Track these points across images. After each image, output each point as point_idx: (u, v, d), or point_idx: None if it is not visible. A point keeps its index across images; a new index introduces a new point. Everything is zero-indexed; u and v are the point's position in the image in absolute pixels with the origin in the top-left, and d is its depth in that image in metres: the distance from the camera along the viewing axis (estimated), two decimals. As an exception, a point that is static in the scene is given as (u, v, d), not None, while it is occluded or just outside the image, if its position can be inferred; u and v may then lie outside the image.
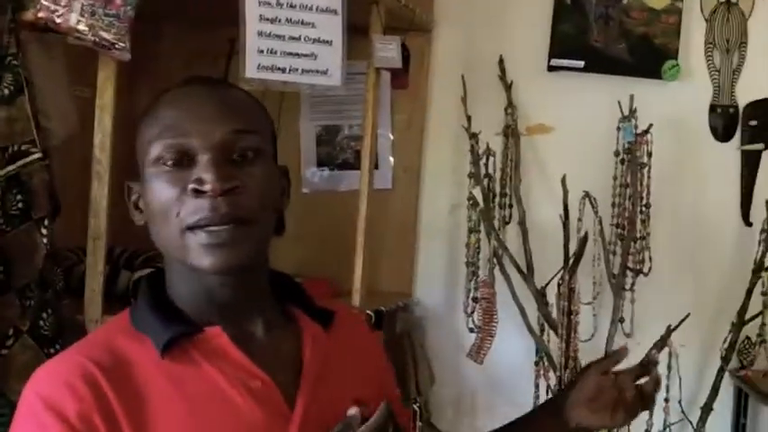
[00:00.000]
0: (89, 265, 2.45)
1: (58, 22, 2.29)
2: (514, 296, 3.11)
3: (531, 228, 3.22)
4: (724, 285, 3.28)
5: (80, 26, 2.30)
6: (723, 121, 3.30)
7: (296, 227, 1.65)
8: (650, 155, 3.08)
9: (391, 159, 3.41)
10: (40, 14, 2.28)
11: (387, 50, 2.88)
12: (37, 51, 2.40)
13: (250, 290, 1.37)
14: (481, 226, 3.14)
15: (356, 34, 2.81)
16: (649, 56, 3.29)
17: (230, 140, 1.29)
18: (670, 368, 2.89)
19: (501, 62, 3.35)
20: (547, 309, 3.07)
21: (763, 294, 2.97)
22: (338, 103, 3.30)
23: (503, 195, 3.27)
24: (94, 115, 2.44)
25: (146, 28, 2.48)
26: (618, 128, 3.19)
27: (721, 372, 3.10)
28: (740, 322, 3.04)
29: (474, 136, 3.21)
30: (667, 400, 2.92)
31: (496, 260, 3.12)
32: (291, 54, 2.70)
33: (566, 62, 3.33)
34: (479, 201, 3.14)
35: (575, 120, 3.36)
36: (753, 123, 3.29)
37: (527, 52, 3.38)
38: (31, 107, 2.28)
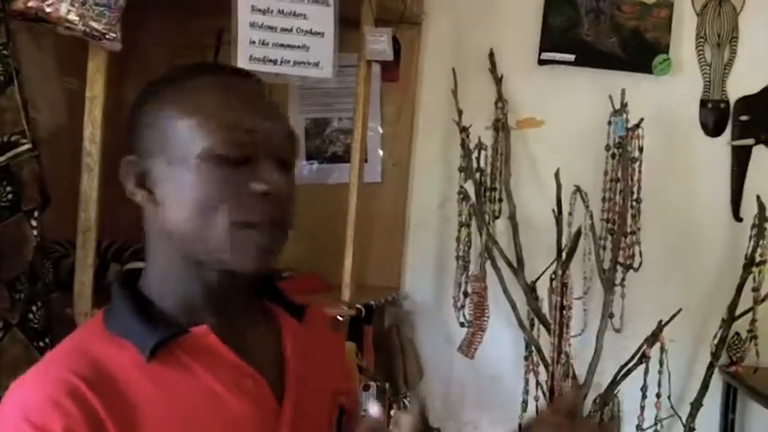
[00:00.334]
0: (79, 258, 2.42)
1: (49, 12, 2.26)
2: (505, 291, 3.10)
3: (521, 222, 3.21)
4: (714, 281, 3.29)
5: (70, 16, 2.28)
6: (714, 116, 3.30)
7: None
8: (641, 149, 3.06)
9: (381, 153, 3.40)
10: (31, 4, 2.25)
11: (378, 43, 2.87)
12: (26, 41, 2.37)
13: (245, 288, 1.36)
14: (472, 220, 3.12)
15: (346, 26, 2.79)
16: (640, 50, 3.29)
17: (287, 144, 1.30)
18: (662, 364, 2.88)
19: (491, 55, 3.34)
20: (537, 303, 3.06)
21: (753, 290, 2.96)
22: (327, 96, 3.28)
23: (492, 189, 3.26)
24: (82, 106, 2.42)
25: (131, 17, 2.44)
26: (609, 122, 3.18)
27: (711, 367, 3.10)
28: (730, 318, 3.03)
29: (465, 129, 3.19)
30: (659, 396, 2.91)
31: (487, 254, 3.10)
32: (283, 46, 2.68)
33: (556, 56, 3.32)
34: (470, 195, 3.12)
35: (565, 114, 3.35)
36: (743, 118, 3.28)
37: (518, 46, 3.37)
38: (21, 97, 2.24)
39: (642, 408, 2.91)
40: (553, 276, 2.86)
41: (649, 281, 3.21)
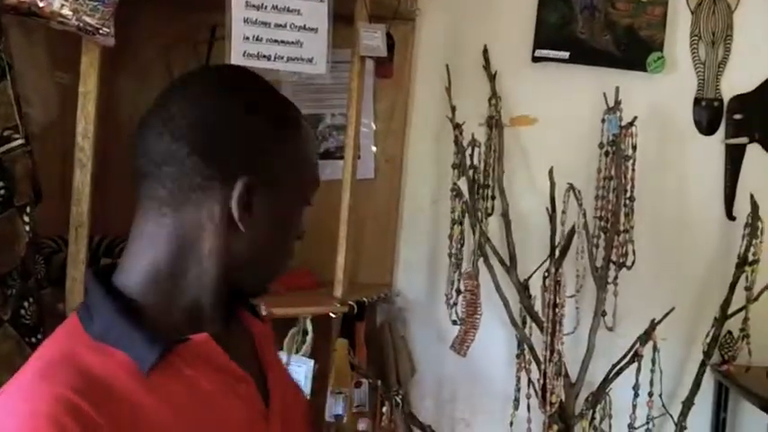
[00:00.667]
0: (71, 254, 2.41)
1: (42, 6, 2.24)
2: (498, 288, 3.09)
3: (514, 219, 3.21)
4: (707, 279, 3.29)
5: (64, 11, 2.26)
6: (707, 115, 3.30)
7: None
8: (635, 147, 3.06)
9: (374, 149, 3.39)
10: (24, -2, 2.23)
11: (372, 39, 2.86)
12: (19, 36, 2.36)
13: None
14: (465, 217, 3.11)
15: (340, 22, 2.78)
16: (635, 48, 3.29)
17: None
18: (654, 362, 2.88)
19: (485, 52, 3.33)
20: (529, 301, 3.05)
21: (746, 289, 2.97)
22: (321, 92, 3.27)
23: (486, 187, 3.25)
24: (74, 102, 2.40)
25: (125, 13, 2.41)
26: (602, 120, 3.18)
27: (703, 366, 3.10)
28: (723, 317, 3.03)
29: (458, 126, 3.18)
30: (651, 394, 2.91)
31: (480, 252, 3.10)
32: (277, 41, 2.67)
33: (551, 53, 3.32)
34: (464, 192, 3.11)
35: (559, 111, 3.35)
36: (737, 117, 3.29)
37: (512, 42, 3.37)
38: (14, 92, 2.23)
39: (634, 406, 2.91)
40: (546, 274, 2.85)
41: (642, 279, 3.21)
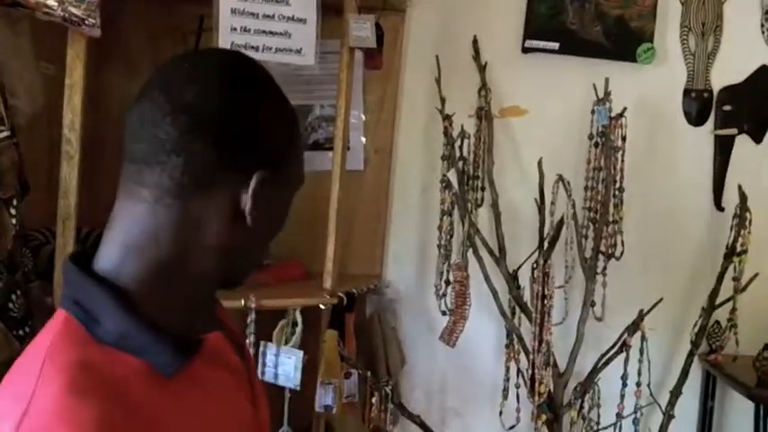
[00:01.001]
0: (59, 247, 2.40)
1: (27, -4, 2.23)
2: (487, 279, 3.09)
3: (503, 210, 3.20)
4: (695, 270, 3.30)
5: (49, 1, 2.25)
6: (697, 106, 3.30)
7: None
8: (624, 138, 3.06)
9: (363, 140, 3.38)
10: (8, -12, 2.22)
11: (361, 30, 2.85)
12: (3, 26, 2.34)
13: None
14: (454, 208, 3.11)
15: (329, 13, 2.78)
16: (625, 39, 3.28)
17: None
18: (642, 352, 2.88)
19: (475, 43, 3.33)
20: (518, 292, 3.05)
21: (734, 279, 2.97)
22: (309, 83, 3.25)
23: (475, 178, 3.25)
24: (61, 93, 2.39)
25: (111, 3, 2.41)
26: (592, 111, 3.18)
27: (691, 356, 3.10)
28: (711, 307, 3.04)
29: (447, 117, 3.18)
30: (639, 384, 2.91)
31: (469, 243, 3.10)
32: (265, 32, 2.66)
33: (540, 44, 3.31)
34: (453, 183, 3.11)
35: (549, 102, 3.35)
36: (727, 108, 3.29)
37: (502, 33, 3.36)
38: (-1, 84, 2.22)
39: (622, 396, 2.91)
40: (535, 265, 2.85)
41: (631, 270, 3.22)
